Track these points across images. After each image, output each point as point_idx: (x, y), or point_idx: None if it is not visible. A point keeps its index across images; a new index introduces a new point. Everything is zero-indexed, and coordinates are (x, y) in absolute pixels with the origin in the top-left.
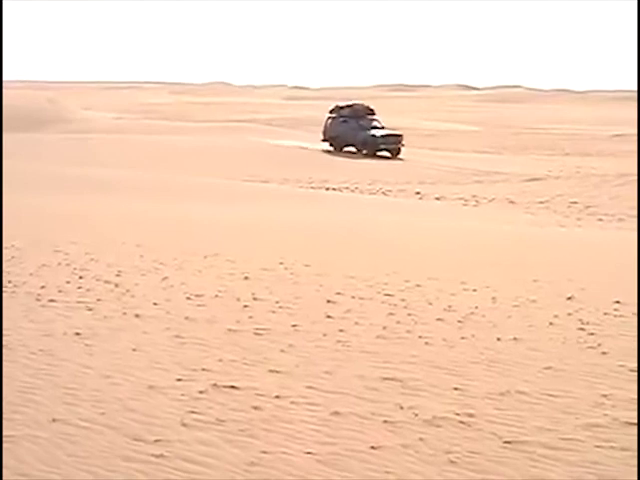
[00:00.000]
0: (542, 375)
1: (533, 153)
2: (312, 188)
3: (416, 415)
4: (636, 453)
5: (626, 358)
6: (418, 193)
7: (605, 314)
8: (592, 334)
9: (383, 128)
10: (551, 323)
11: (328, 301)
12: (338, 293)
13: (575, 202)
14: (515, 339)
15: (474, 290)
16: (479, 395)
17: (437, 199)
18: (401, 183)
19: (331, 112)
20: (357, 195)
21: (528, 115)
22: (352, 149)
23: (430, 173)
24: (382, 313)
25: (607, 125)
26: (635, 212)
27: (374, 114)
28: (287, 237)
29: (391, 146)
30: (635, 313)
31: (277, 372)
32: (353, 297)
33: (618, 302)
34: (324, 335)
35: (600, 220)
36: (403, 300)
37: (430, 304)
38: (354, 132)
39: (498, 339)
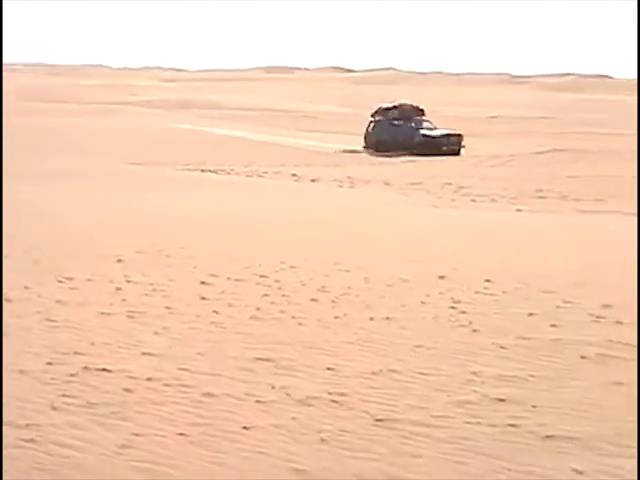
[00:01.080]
0: (414, 354)
1: None
2: (188, 170)
3: (289, 395)
4: (506, 429)
5: (496, 335)
6: (294, 175)
7: (476, 293)
8: (463, 312)
9: (436, 128)
10: (423, 302)
11: (202, 283)
12: (212, 275)
13: (449, 183)
14: (388, 318)
15: (348, 270)
16: (352, 374)
17: (313, 181)
18: (277, 165)
19: (374, 115)
20: (233, 177)
21: (403, 97)
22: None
23: (306, 155)
24: (256, 294)
25: (482, 107)
26: (508, 192)
27: (424, 114)
28: (161, 220)
29: (453, 147)
30: (505, 291)
31: (150, 354)
32: (228, 279)
33: (489, 281)
34: (198, 317)
35: (473, 201)
36: (277, 281)
37: (304, 285)
38: (407, 134)
39: (371, 319)
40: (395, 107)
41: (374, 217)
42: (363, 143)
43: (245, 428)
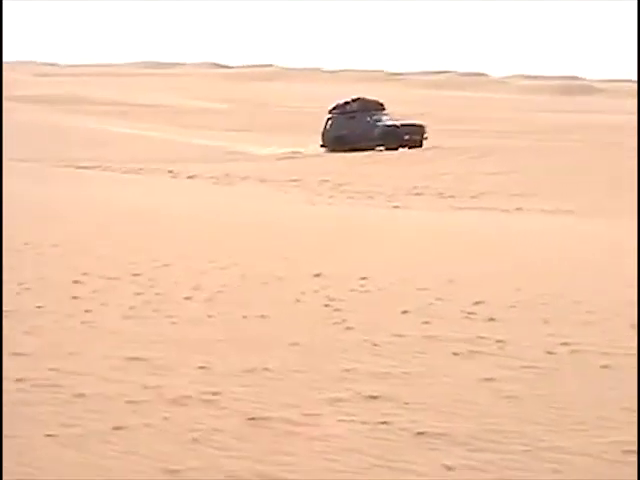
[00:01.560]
0: (288, 351)
1: (286, 131)
2: (63, 167)
3: (161, 395)
4: (378, 426)
5: (370, 333)
6: (171, 171)
7: (351, 290)
8: (338, 310)
9: (397, 121)
10: (298, 300)
11: (74, 282)
12: (85, 273)
13: (327, 180)
14: (262, 316)
15: (223, 268)
16: (225, 373)
17: (190, 177)
18: (154, 161)
19: (331, 111)
20: (109, 174)
21: (281, 93)
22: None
23: (182, 151)
24: (129, 293)
25: None
26: (385, 190)
27: (384, 108)
28: (31, 217)
29: (415, 137)
30: (380, 289)
31: (20, 355)
32: (100, 277)
33: (364, 278)
34: (69, 316)
35: (351, 198)
36: (151, 279)
37: (178, 283)
38: (367, 127)
39: (245, 317)
40: (353, 100)
41: (251, 214)
42: (320, 142)
43: (116, 428)
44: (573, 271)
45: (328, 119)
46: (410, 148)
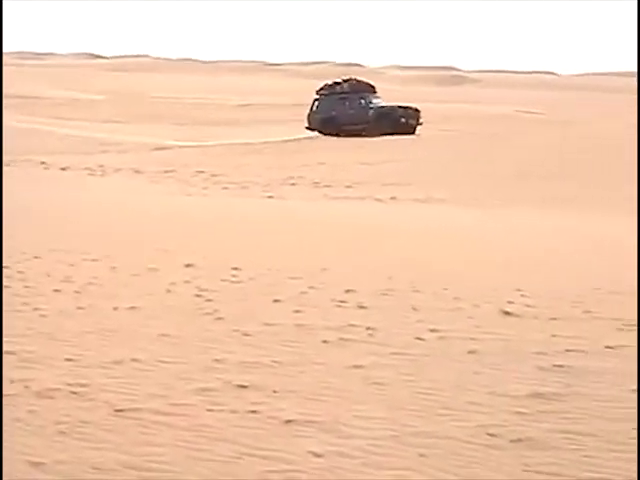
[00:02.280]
0: (157, 343)
1: (161, 122)
2: None
3: (27, 388)
4: (247, 415)
5: (240, 323)
6: (44, 163)
7: (223, 280)
8: (209, 300)
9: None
10: (169, 291)
11: None
12: None
13: (201, 171)
14: (132, 308)
15: (94, 260)
16: (93, 365)
17: (63, 169)
18: (26, 153)
19: (319, 92)
20: None
21: (156, 84)
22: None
23: (56, 143)
24: None
25: (235, 95)
26: (260, 180)
27: (375, 91)
28: None
29: (411, 121)
30: (252, 278)
31: None
32: None
33: (236, 268)
34: None
35: (225, 188)
36: (20, 272)
37: (48, 275)
38: (359, 109)
39: (115, 308)
40: (345, 81)
41: (124, 206)
42: (306, 124)
43: None
44: (443, 259)
45: (315, 100)
46: (403, 134)
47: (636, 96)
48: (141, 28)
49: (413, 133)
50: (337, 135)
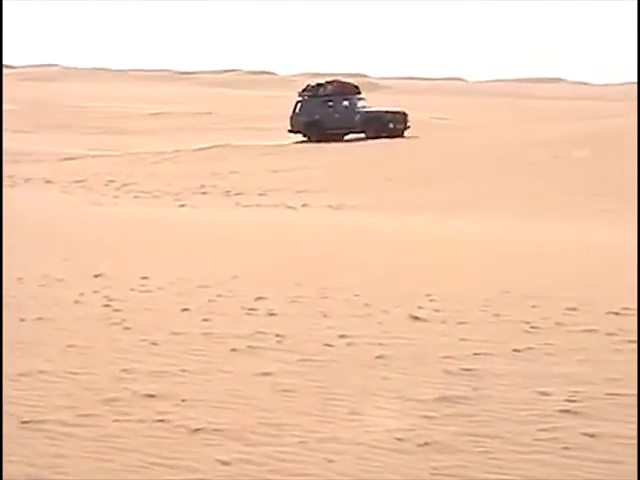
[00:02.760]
0: (65, 353)
1: (71, 131)
2: None
3: None
4: (154, 424)
5: (149, 332)
6: None
7: (131, 290)
8: (117, 310)
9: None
10: (77, 301)
11: None
12: None
13: (112, 180)
14: (39, 319)
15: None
16: None
17: None
18: None
19: (302, 94)
20: None
21: (67, 93)
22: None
23: None
24: None
25: (146, 103)
26: (172, 189)
27: (360, 93)
28: None
29: (399, 125)
30: (161, 287)
31: None
32: None
33: (145, 278)
34: None
35: (137, 197)
36: None
37: None
38: (346, 112)
39: (22, 320)
40: (328, 82)
41: (34, 216)
42: (288, 127)
43: None
44: (354, 265)
45: (297, 102)
46: (392, 138)
47: (540, 101)
48: (50, 37)
49: (402, 135)
50: (319, 141)
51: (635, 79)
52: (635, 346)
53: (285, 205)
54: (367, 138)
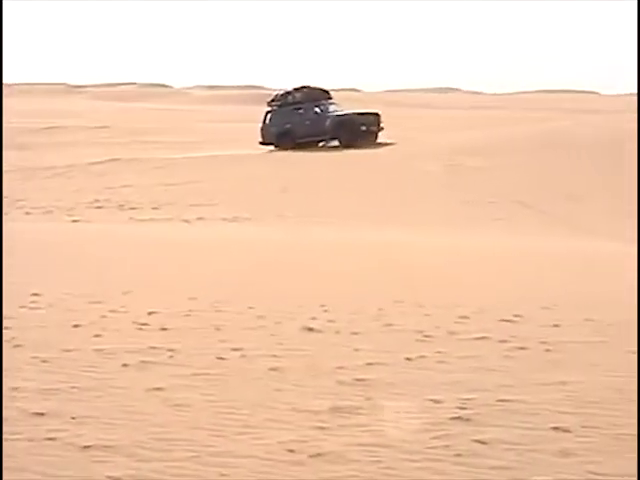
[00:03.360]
0: None
1: None
2: None
3: None
4: (44, 442)
5: (39, 349)
6: None
7: (21, 307)
8: (7, 328)
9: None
10: None
11: None
12: None
13: (5, 197)
14: None
15: None
16: None
17: None
18: None
19: (270, 103)
20: None
21: None
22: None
23: None
24: None
25: (37, 117)
26: (65, 204)
27: (331, 97)
28: None
29: (372, 127)
30: (51, 304)
31: None
32: None
33: (36, 294)
34: None
35: (28, 213)
36: None
37: None
38: (316, 119)
39: None
40: (296, 90)
41: None
42: (260, 138)
43: None
44: (248, 277)
45: (267, 112)
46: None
47: (435, 111)
48: None
49: (376, 139)
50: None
51: (524, 88)
52: (526, 352)
53: (179, 218)
54: (342, 146)
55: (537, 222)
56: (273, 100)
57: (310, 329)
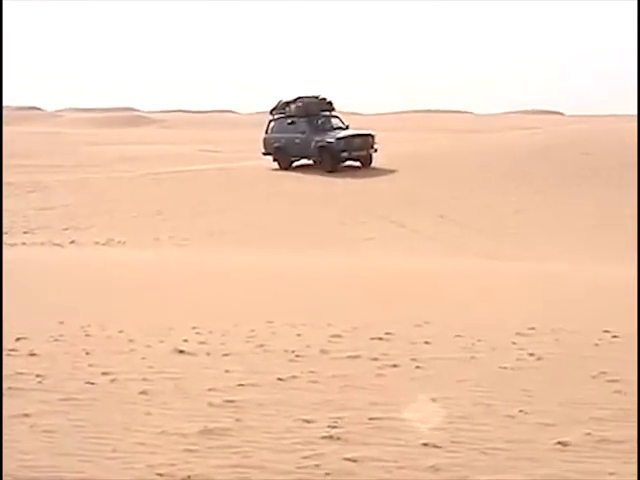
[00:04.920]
0: None
1: None
2: None
3: None
4: None
5: None
6: None
7: None
8: None
9: (347, 128)
10: None
11: None
12: None
13: None
14: None
15: None
16: None
17: None
18: None
19: (272, 112)
20: None
21: None
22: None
23: None
24: None
25: None
26: None
27: (333, 109)
28: None
29: (358, 152)
30: None
31: None
32: None
33: None
34: None
35: None
36: None
37: None
38: (305, 138)
39: None
40: (294, 101)
41: None
42: (262, 149)
43: None
44: (118, 301)
45: (270, 121)
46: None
47: None
48: None
49: (369, 163)
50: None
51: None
52: (397, 370)
53: (52, 242)
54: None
55: (409, 241)
56: (275, 109)
57: (181, 351)
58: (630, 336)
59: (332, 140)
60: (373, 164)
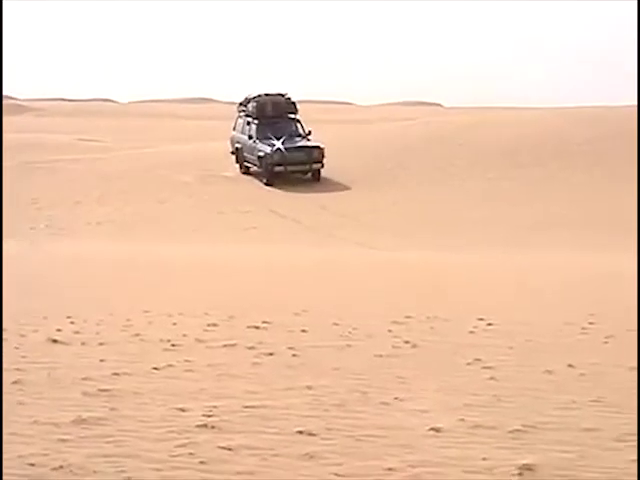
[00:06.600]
0: None
1: None
2: None
3: None
4: None
5: None
6: None
7: None
8: None
9: (309, 134)
10: None
11: None
12: None
13: None
14: None
15: None
16: None
17: None
18: None
19: (238, 108)
20: None
21: None
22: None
23: None
24: None
25: None
26: None
27: (295, 112)
28: None
29: (297, 167)
30: None
31: None
32: None
33: None
34: None
35: None
36: None
37: None
38: (253, 142)
39: None
40: (253, 98)
41: None
42: (230, 147)
43: None
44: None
45: (238, 117)
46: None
47: (190, 121)
48: None
49: (318, 178)
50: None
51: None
52: (273, 358)
53: None
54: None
55: (290, 231)
56: (241, 104)
57: (55, 341)
58: (504, 323)
59: (269, 151)
60: None
